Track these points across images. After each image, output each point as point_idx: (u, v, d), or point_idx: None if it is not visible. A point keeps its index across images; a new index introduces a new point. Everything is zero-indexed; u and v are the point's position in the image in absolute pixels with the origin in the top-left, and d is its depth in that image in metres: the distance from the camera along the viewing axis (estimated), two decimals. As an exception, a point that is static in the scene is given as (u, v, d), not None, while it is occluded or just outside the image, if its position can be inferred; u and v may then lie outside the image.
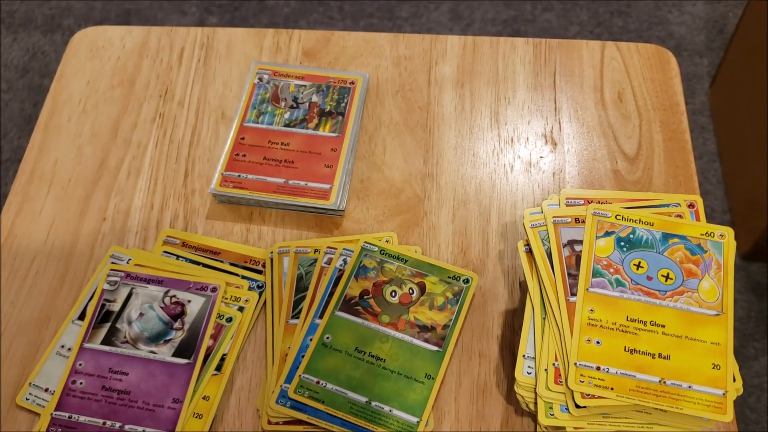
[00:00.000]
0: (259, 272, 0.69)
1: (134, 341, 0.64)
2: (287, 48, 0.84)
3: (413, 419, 0.60)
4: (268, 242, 0.72)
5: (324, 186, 0.72)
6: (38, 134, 0.79)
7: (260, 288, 0.68)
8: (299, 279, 0.68)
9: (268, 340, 0.65)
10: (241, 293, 0.67)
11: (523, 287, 0.67)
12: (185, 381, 0.63)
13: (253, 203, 0.73)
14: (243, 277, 0.69)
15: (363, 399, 0.61)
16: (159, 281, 0.67)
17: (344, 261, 0.68)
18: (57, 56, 1.75)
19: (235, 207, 0.74)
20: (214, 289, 0.67)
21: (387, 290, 0.66)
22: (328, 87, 0.79)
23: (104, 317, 0.65)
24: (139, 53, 0.84)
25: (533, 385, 0.60)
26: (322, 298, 0.66)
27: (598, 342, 0.60)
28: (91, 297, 0.67)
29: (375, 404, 0.61)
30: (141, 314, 0.66)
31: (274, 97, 0.79)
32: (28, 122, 1.66)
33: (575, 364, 0.59)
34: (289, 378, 0.62)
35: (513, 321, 0.67)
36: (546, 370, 0.60)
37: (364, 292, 0.66)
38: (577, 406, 0.58)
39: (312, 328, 0.64)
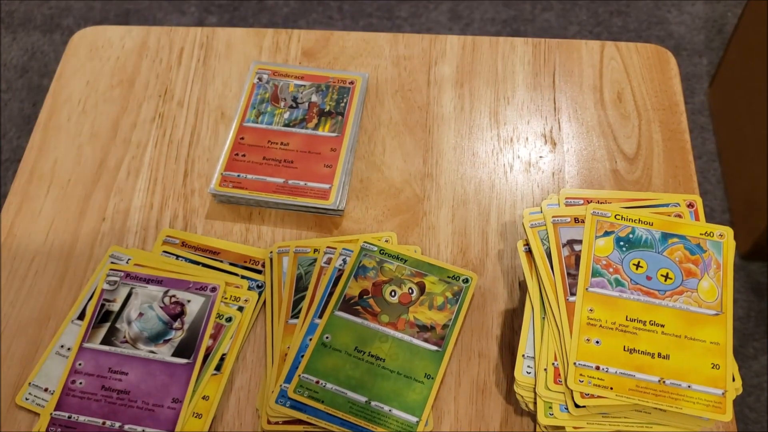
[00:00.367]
0: (259, 272, 0.69)
1: (134, 341, 0.64)
2: (287, 48, 0.84)
3: (413, 419, 0.60)
4: (268, 242, 0.72)
5: (323, 186, 0.72)
6: (38, 134, 0.79)
7: (260, 288, 0.68)
8: (299, 279, 0.68)
9: (268, 340, 0.65)
10: (241, 293, 0.67)
11: (523, 287, 0.67)
12: (185, 381, 0.63)
13: (253, 203, 0.73)
14: (242, 277, 0.69)
15: (362, 399, 0.61)
16: (158, 281, 0.67)
17: (344, 261, 0.68)
18: (56, 56, 1.75)
19: (235, 207, 0.74)
20: (214, 289, 0.67)
21: (386, 290, 0.66)
22: (328, 87, 0.79)
23: (104, 317, 0.65)
24: (139, 53, 0.84)
25: (533, 385, 0.60)
26: (322, 298, 0.66)
27: (598, 342, 0.60)
28: (91, 297, 0.67)
29: (374, 404, 0.61)
30: (140, 314, 0.66)
31: (274, 97, 0.79)
32: (28, 122, 1.66)
33: (575, 364, 0.59)
34: (289, 378, 0.62)
35: (512, 321, 0.67)
36: (545, 370, 0.60)
37: (364, 292, 0.66)
38: (577, 406, 0.58)
39: (311, 328, 0.64)
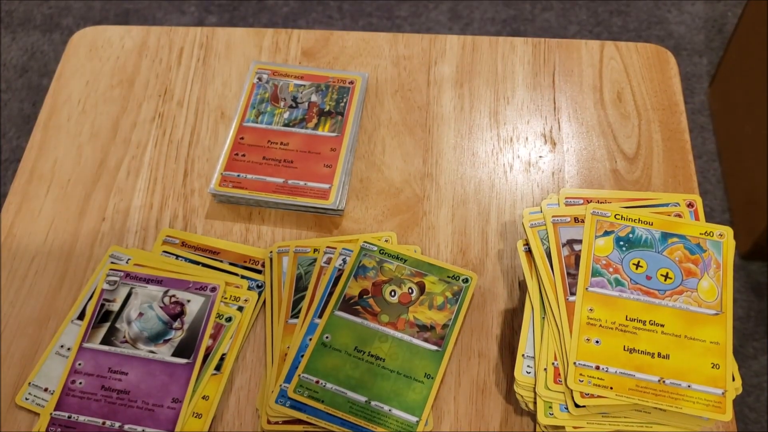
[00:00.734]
0: (259, 272, 0.69)
1: (134, 341, 0.64)
2: (286, 48, 0.84)
3: (413, 419, 0.60)
4: (268, 242, 0.72)
5: (323, 186, 0.72)
6: (37, 134, 0.79)
7: (259, 288, 0.68)
8: (298, 278, 0.68)
9: (268, 340, 0.65)
10: (241, 293, 0.67)
11: (523, 287, 0.67)
12: (185, 381, 0.63)
13: (253, 203, 0.73)
14: (242, 277, 0.69)
15: (362, 398, 0.61)
16: (158, 281, 0.67)
17: (343, 260, 0.68)
18: (56, 56, 1.75)
19: (235, 207, 0.74)
20: (214, 289, 0.67)
21: (386, 290, 0.66)
22: (328, 87, 0.79)
23: (104, 317, 0.65)
24: (139, 53, 0.84)
25: (533, 385, 0.60)
26: (322, 298, 0.66)
27: (598, 341, 0.60)
28: (91, 297, 0.67)
29: (374, 404, 0.61)
30: (140, 314, 0.66)
31: (274, 97, 0.79)
32: (27, 122, 1.66)
33: (574, 364, 0.59)
34: (289, 377, 0.62)
35: (512, 320, 0.67)
36: (545, 370, 0.60)
37: (364, 292, 0.66)
38: (577, 406, 0.58)
39: (311, 328, 0.64)
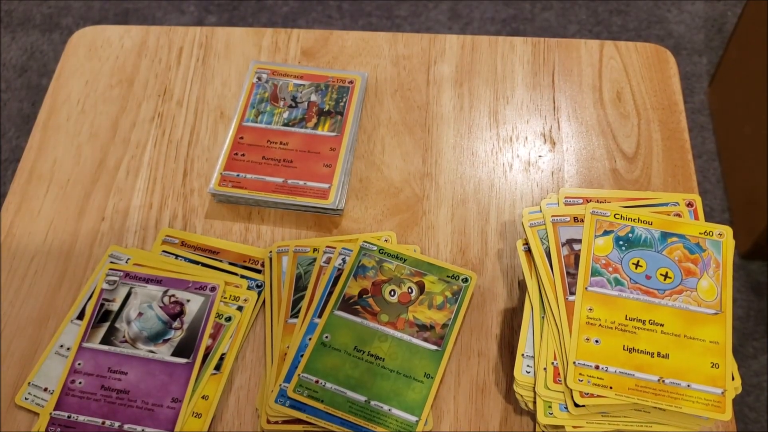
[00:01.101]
0: (258, 271, 0.69)
1: (133, 341, 0.64)
2: (286, 47, 0.84)
3: (412, 418, 0.60)
4: (267, 242, 0.72)
5: (323, 185, 0.72)
6: (37, 134, 0.79)
7: (259, 287, 0.68)
8: (298, 278, 0.68)
9: (267, 340, 0.65)
10: (240, 292, 0.67)
11: (522, 286, 0.67)
12: (184, 380, 0.63)
13: (252, 203, 0.73)
14: (242, 277, 0.69)
15: (362, 398, 0.61)
16: (158, 281, 0.67)
17: (343, 260, 0.68)
18: (55, 55, 1.75)
19: (234, 206, 0.74)
20: (213, 289, 0.67)
21: (386, 289, 0.66)
22: (327, 86, 0.79)
23: (103, 317, 0.65)
24: (138, 53, 0.84)
25: (532, 384, 0.60)
26: (321, 298, 0.66)
27: (597, 341, 0.60)
28: (90, 296, 0.67)
29: (374, 403, 0.61)
30: (140, 314, 0.66)
31: (273, 97, 0.79)
32: (27, 122, 1.66)
33: (574, 363, 0.59)
34: (288, 377, 0.62)
35: (512, 320, 0.67)
36: (545, 369, 0.60)
37: (363, 292, 0.66)
38: (576, 405, 0.58)
39: (311, 328, 0.64)
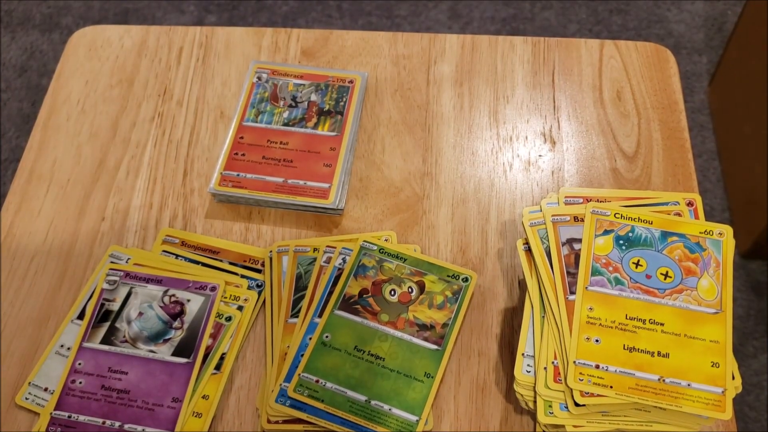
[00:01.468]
0: (259, 271, 0.69)
1: (133, 340, 0.64)
2: (286, 47, 0.84)
3: (413, 418, 0.60)
4: (267, 241, 0.72)
5: (323, 185, 0.72)
6: (37, 134, 0.79)
7: (259, 287, 0.68)
8: (298, 278, 0.68)
9: (268, 339, 0.65)
10: (241, 292, 0.67)
11: (522, 286, 0.67)
12: (185, 380, 0.63)
13: (252, 202, 0.73)
14: (242, 276, 0.69)
15: (362, 398, 0.61)
16: (158, 280, 0.67)
17: (343, 260, 0.68)
18: (55, 55, 1.75)
19: (234, 206, 0.74)
20: (214, 288, 0.67)
21: (386, 289, 0.66)
22: (327, 86, 0.79)
23: (103, 316, 0.65)
24: (138, 53, 0.84)
25: (532, 384, 0.60)
26: (322, 297, 0.66)
27: (597, 340, 0.60)
28: (91, 296, 0.67)
29: (374, 403, 0.61)
30: (140, 313, 0.66)
31: (273, 97, 0.79)
32: (27, 121, 1.66)
33: (574, 363, 0.59)
34: (289, 377, 0.62)
35: (512, 319, 0.67)
36: (545, 369, 0.60)
37: (364, 291, 0.66)
38: (577, 405, 0.58)
39: (311, 327, 0.64)
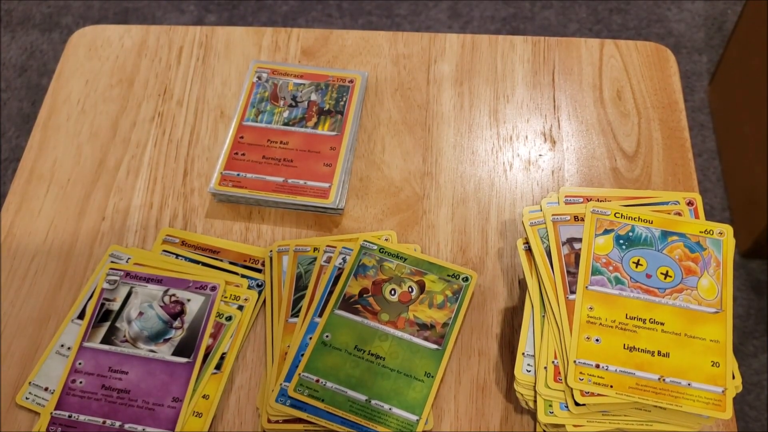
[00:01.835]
0: (259, 271, 0.69)
1: (134, 340, 0.64)
2: (286, 47, 0.84)
3: (413, 417, 0.60)
4: (268, 241, 0.72)
5: (323, 185, 0.72)
6: (37, 133, 0.79)
7: (260, 287, 0.68)
8: (298, 278, 0.68)
9: (268, 339, 0.65)
10: (241, 292, 0.67)
11: (523, 285, 0.67)
12: (185, 380, 0.63)
13: (253, 202, 0.73)
14: (242, 276, 0.69)
15: (363, 397, 0.61)
16: (158, 280, 0.67)
17: (343, 259, 0.68)
18: (55, 55, 1.75)
19: (235, 206, 0.74)
20: (214, 288, 0.67)
21: (386, 288, 0.66)
22: (327, 86, 0.79)
23: (104, 316, 0.66)
24: (138, 52, 0.84)
25: (533, 383, 0.60)
26: (322, 297, 0.66)
27: (598, 340, 0.60)
28: (91, 296, 0.67)
29: (375, 402, 0.61)
30: (140, 313, 0.66)
31: (273, 96, 0.79)
32: (27, 121, 1.66)
33: (575, 362, 0.59)
34: (289, 376, 0.62)
35: (512, 319, 0.67)
36: (545, 368, 0.60)
37: (364, 291, 0.66)
38: (577, 404, 0.58)
39: (311, 327, 0.64)
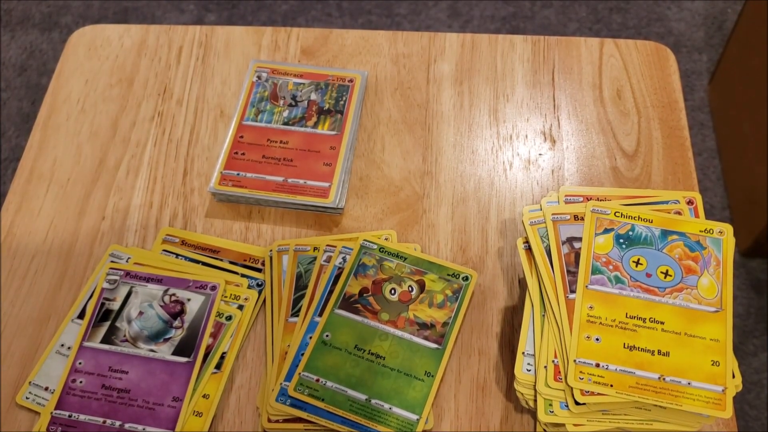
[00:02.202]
0: (259, 270, 0.69)
1: (134, 340, 0.64)
2: (286, 46, 0.84)
3: (413, 417, 0.60)
4: (268, 240, 0.72)
5: (323, 184, 0.72)
6: (37, 133, 0.79)
7: (260, 286, 0.68)
8: (298, 277, 0.68)
9: (268, 339, 0.65)
10: (241, 291, 0.67)
11: (523, 284, 0.67)
12: (185, 379, 0.63)
13: (252, 201, 0.73)
14: (242, 276, 0.69)
15: (363, 397, 0.61)
16: (158, 280, 0.67)
17: (343, 259, 0.68)
18: (55, 54, 1.75)
19: (235, 205, 0.74)
20: (214, 288, 0.67)
21: (386, 288, 0.66)
22: (327, 85, 0.79)
23: (104, 316, 0.66)
24: (138, 52, 0.84)
25: (533, 383, 0.60)
26: (322, 296, 0.66)
27: (598, 339, 0.60)
28: (91, 296, 0.67)
29: (375, 402, 0.61)
30: (140, 313, 0.66)
31: (273, 96, 0.79)
32: (27, 121, 1.66)
33: (575, 361, 0.59)
34: (289, 376, 0.62)
35: (512, 318, 0.67)
36: (545, 368, 0.60)
37: (364, 290, 0.66)
38: (577, 403, 0.58)
39: (311, 326, 0.64)
